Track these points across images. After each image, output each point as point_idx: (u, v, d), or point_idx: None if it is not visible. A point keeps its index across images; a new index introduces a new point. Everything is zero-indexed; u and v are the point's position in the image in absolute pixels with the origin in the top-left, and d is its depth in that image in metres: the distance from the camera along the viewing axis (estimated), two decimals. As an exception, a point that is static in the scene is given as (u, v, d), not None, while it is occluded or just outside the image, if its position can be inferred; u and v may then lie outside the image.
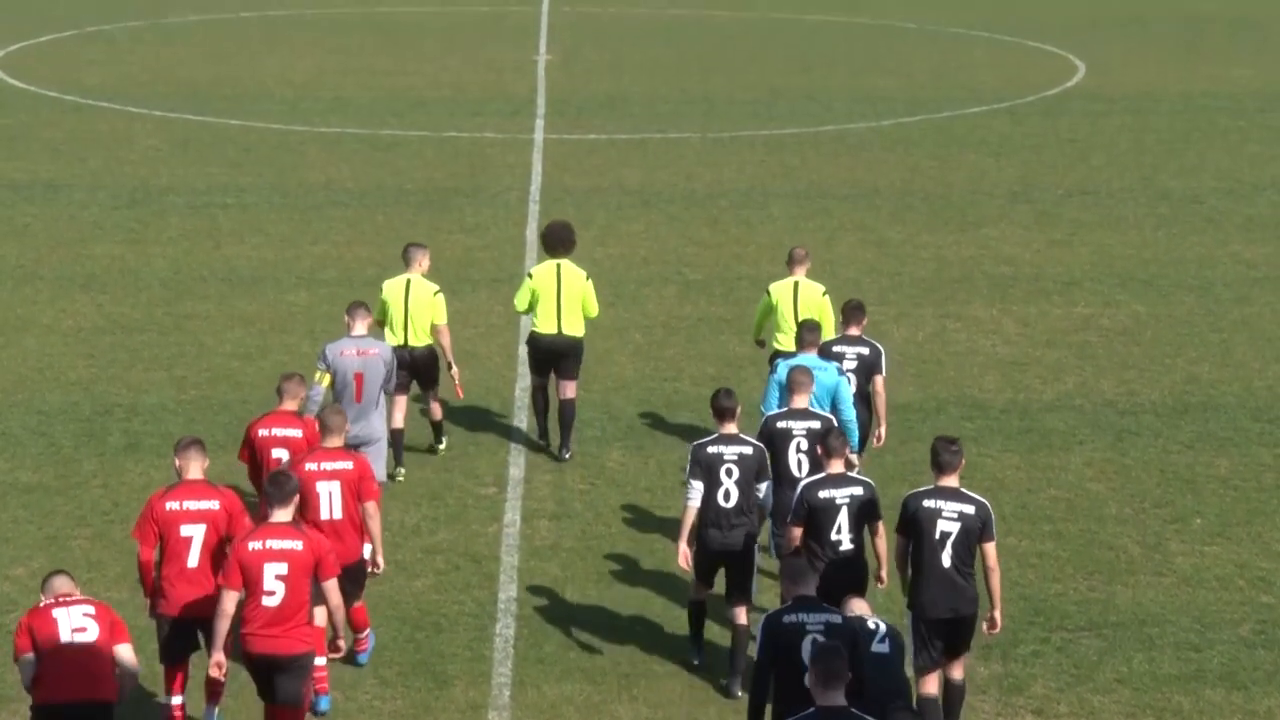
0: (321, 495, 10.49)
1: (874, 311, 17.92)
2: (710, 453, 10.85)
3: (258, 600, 9.37)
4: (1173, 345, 17.73)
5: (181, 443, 10.22)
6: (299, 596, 9.41)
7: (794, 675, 8.56)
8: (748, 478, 10.83)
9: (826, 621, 8.79)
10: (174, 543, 9.88)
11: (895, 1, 46.45)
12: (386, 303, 14.09)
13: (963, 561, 9.89)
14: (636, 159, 26.54)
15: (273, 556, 9.36)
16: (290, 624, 9.41)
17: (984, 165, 26.18)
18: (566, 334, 14.43)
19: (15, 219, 22.20)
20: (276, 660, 9.43)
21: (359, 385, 12.68)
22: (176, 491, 9.95)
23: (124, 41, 37.88)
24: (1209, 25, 41.83)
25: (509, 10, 44.16)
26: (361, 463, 10.80)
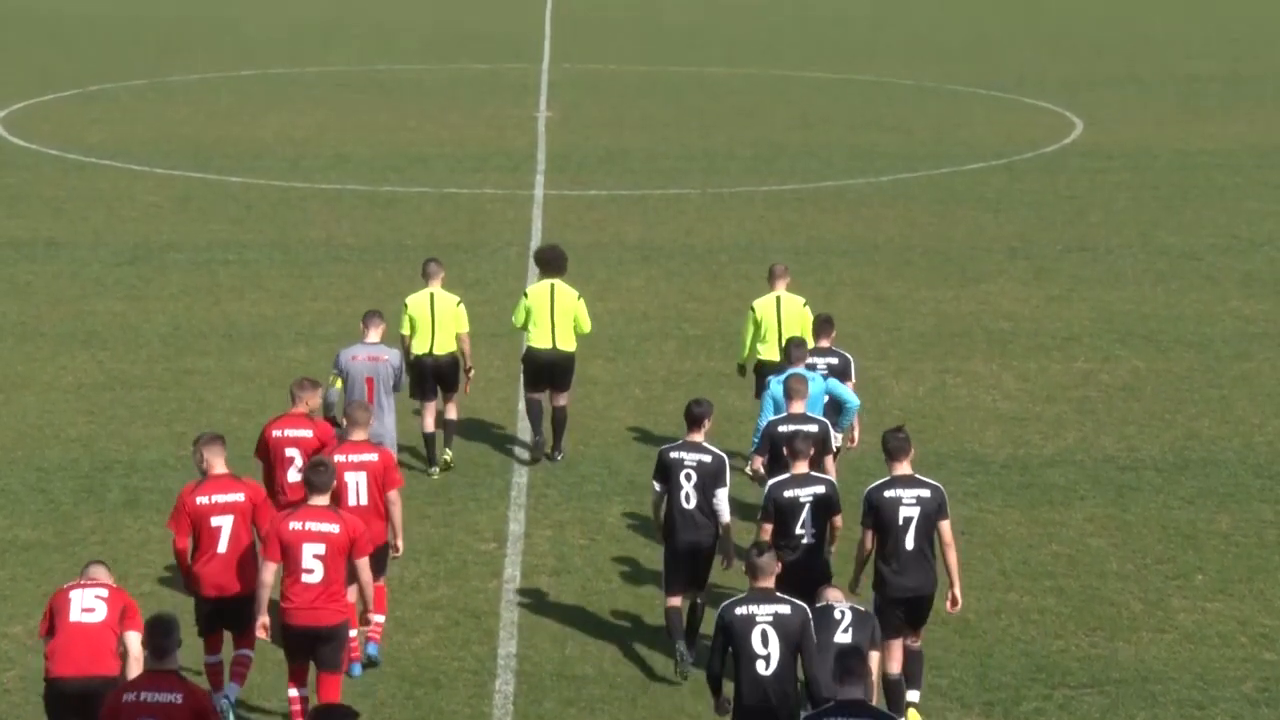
0: (349, 484, 11.40)
1: (873, 367, 18.01)
2: (671, 457, 11.72)
3: (297, 577, 10.33)
4: (1173, 401, 17.72)
5: (203, 438, 11.11)
6: (336, 574, 10.36)
7: (747, 661, 9.29)
8: (705, 483, 11.56)
9: (775, 613, 9.34)
10: (206, 533, 10.84)
11: (894, 59, 46.76)
12: (413, 317, 15.20)
13: (926, 542, 10.76)
14: (636, 214, 26.63)
15: (311, 537, 10.32)
16: (328, 599, 10.35)
17: (983, 221, 26.27)
18: (560, 349, 15.45)
19: (17, 276, 22.26)
20: (317, 632, 10.36)
21: (370, 388, 13.64)
22: (205, 486, 10.90)
23: (126, 100, 38.10)
24: (1205, 83, 42.09)
25: (509, 68, 44.45)
26: (386, 454, 11.85)
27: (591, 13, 60.70)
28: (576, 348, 15.67)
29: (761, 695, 9.25)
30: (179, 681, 8.83)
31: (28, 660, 11.80)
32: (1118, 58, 47.51)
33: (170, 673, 8.86)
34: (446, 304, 15.27)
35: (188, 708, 8.67)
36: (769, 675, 9.26)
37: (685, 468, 11.62)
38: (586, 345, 19.17)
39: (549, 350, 15.42)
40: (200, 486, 10.93)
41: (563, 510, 14.63)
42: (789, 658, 9.31)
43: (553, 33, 53.84)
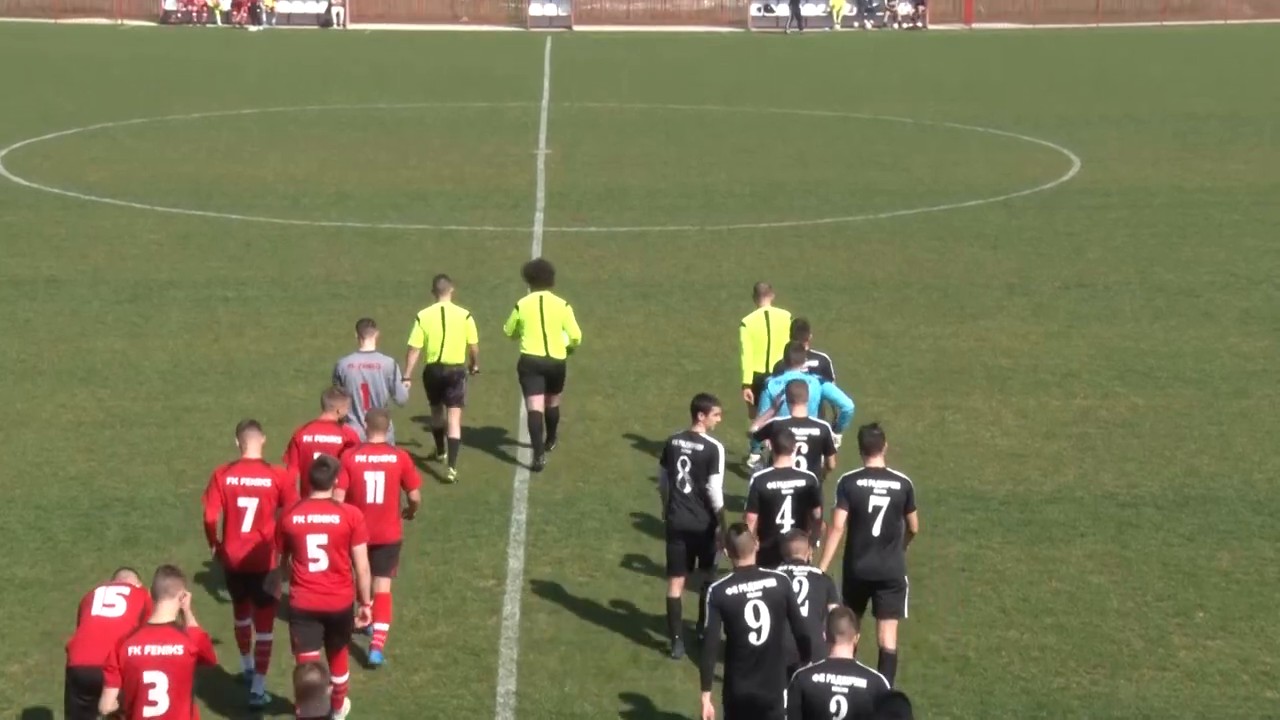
0: (368, 483, 12.20)
1: (873, 403, 18.01)
2: (673, 445, 12.59)
3: (305, 565, 11.07)
4: (1172, 438, 17.72)
5: (241, 424, 12.06)
6: (340, 562, 11.09)
7: (741, 638, 10.03)
8: (698, 470, 12.38)
9: (763, 587, 10.13)
10: (233, 512, 11.74)
11: (891, 97, 46.96)
12: (425, 330, 16.11)
13: (892, 532, 11.56)
14: (636, 251, 26.69)
15: (314, 529, 11.05)
16: (333, 584, 11.09)
17: (981, 258, 26.32)
18: (552, 356, 16.40)
19: (16, 314, 22.28)
20: (325, 615, 11.13)
21: (365, 394, 14.49)
22: (237, 468, 11.80)
23: (126, 139, 38.23)
24: (1203, 121, 42.26)
25: (509, 106, 44.63)
26: (404, 456, 12.59)
27: (590, 52, 61.00)
28: (566, 356, 16.60)
29: (754, 664, 10.00)
30: (177, 632, 9.47)
31: (25, 699, 11.77)
32: (1115, 97, 47.71)
33: (168, 625, 9.46)
34: (456, 317, 16.21)
35: (189, 654, 9.40)
36: (761, 645, 10.02)
37: (682, 454, 12.46)
38: (585, 380, 19.30)
39: (543, 358, 16.35)
40: (232, 467, 11.82)
41: (562, 547, 14.61)
42: (778, 626, 10.09)
43: (552, 71, 54.08)
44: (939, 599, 13.54)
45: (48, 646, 12.48)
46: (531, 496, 15.78)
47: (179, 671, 9.33)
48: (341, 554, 11.09)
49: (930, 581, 13.87)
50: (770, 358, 15.76)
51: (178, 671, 9.32)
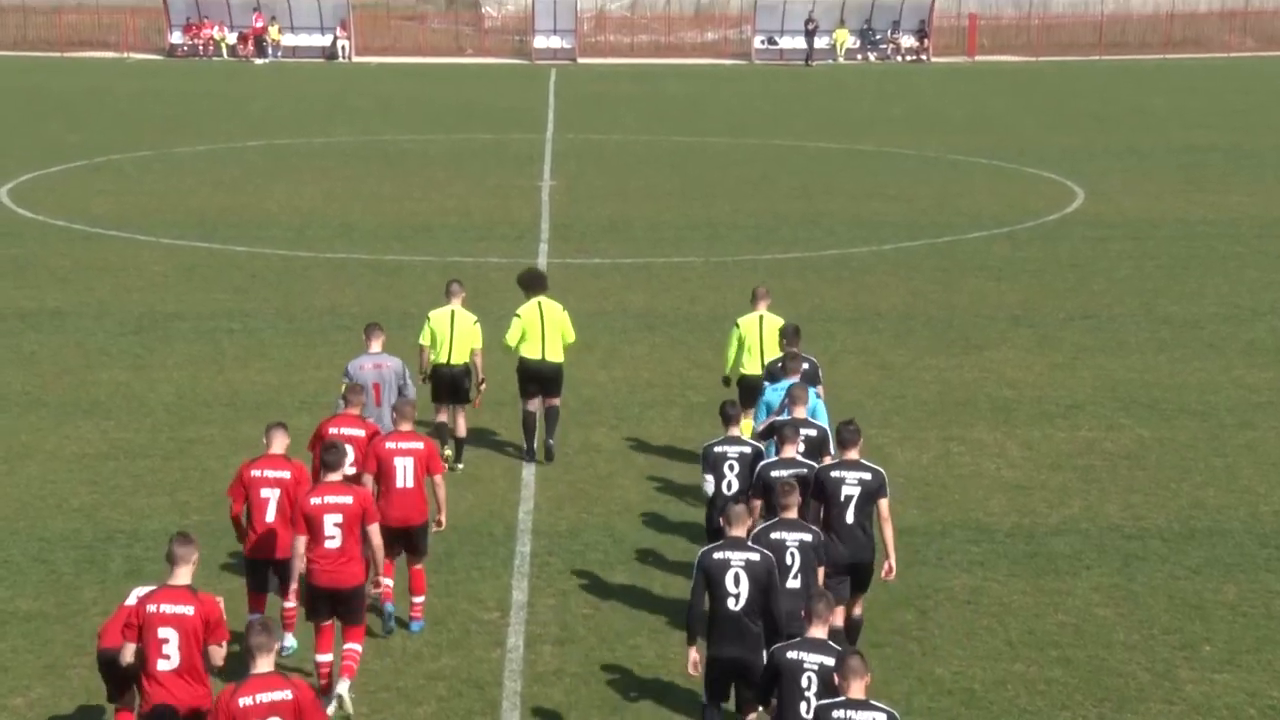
0: (397, 468, 13.08)
1: (877, 434, 17.99)
2: (716, 451, 13.44)
3: (321, 544, 11.82)
4: (1177, 470, 17.68)
5: (270, 425, 12.93)
6: (353, 540, 11.84)
7: (721, 602, 10.83)
8: (745, 471, 13.22)
9: (746, 559, 10.89)
10: (256, 502, 12.51)
11: (895, 130, 47.07)
12: (434, 330, 17.12)
13: (865, 517, 12.42)
14: (640, 283, 26.72)
15: (330, 509, 11.83)
16: (347, 562, 11.87)
17: (986, 289, 26.33)
18: (549, 360, 17.24)
19: (22, 346, 22.30)
20: (338, 591, 11.85)
21: (377, 393, 15.37)
22: (260, 462, 12.60)
23: (132, 171, 38.34)
24: (1205, 154, 42.34)
25: (513, 138, 44.76)
26: (430, 444, 13.47)
27: (595, 84, 61.20)
28: (564, 359, 17.45)
29: (731, 627, 10.80)
30: (191, 594, 10.17)
31: (27, 731, 11.73)
32: (1118, 129, 47.83)
33: (184, 587, 10.21)
34: (464, 321, 17.15)
35: (199, 617, 10.07)
36: (738, 610, 10.79)
37: (729, 459, 13.36)
38: (589, 412, 19.30)
39: (539, 361, 17.22)
40: (256, 462, 12.65)
41: (566, 579, 14.57)
42: (756, 596, 10.80)
43: (556, 104, 54.26)
44: (944, 631, 13.50)
45: (50, 679, 12.45)
46: (535, 528, 15.75)
47: (190, 630, 9.98)
48: (354, 533, 11.87)
49: (936, 614, 13.83)
50: (763, 360, 16.47)
51: (188, 630, 9.98)
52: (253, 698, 9.24)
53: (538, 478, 17.19)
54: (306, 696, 9.43)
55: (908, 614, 13.85)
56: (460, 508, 16.07)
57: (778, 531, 11.52)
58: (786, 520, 11.57)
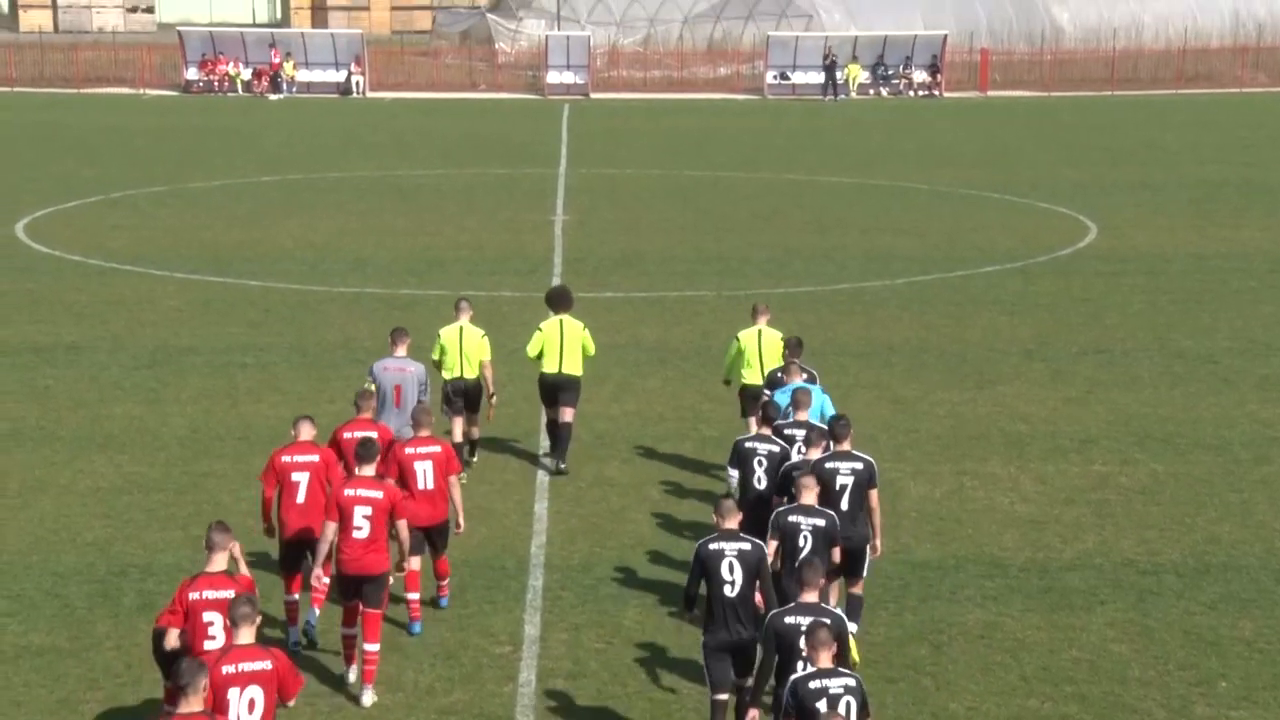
0: (418, 471, 13.90)
1: (890, 469, 17.95)
2: (747, 447, 14.44)
3: (349, 533, 12.62)
4: (1192, 505, 17.62)
5: (297, 417, 13.99)
6: (380, 531, 12.67)
7: (716, 588, 11.65)
8: (773, 468, 14.13)
9: (739, 549, 11.71)
10: (287, 486, 13.48)
11: (907, 164, 47.16)
12: (444, 345, 17.99)
13: (858, 505, 13.47)
14: (653, 316, 26.75)
15: (361, 501, 12.65)
16: (373, 551, 12.65)
17: (998, 323, 26.32)
18: (566, 373, 18.24)
19: (36, 381, 22.37)
20: (364, 577, 12.66)
21: (398, 395, 16.28)
22: (291, 448, 13.64)
23: (147, 206, 38.52)
24: (1218, 188, 42.34)
25: (526, 173, 44.91)
26: (447, 448, 14.27)
27: (608, 119, 61.42)
28: (583, 372, 18.42)
29: (727, 611, 11.62)
30: (229, 578, 11.07)
31: (39, 766, 11.71)
32: (1130, 164, 47.86)
33: (221, 573, 11.08)
34: (473, 336, 18.00)
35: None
36: (734, 597, 11.61)
37: (758, 455, 14.32)
38: (602, 446, 19.31)
39: (556, 374, 18.21)
40: (286, 448, 13.70)
41: (579, 613, 14.54)
42: (748, 583, 11.63)
43: (569, 138, 54.45)
44: (959, 666, 13.44)
45: (63, 714, 12.44)
46: (548, 562, 15.73)
47: None
48: (381, 525, 12.67)
49: (950, 649, 13.78)
50: (763, 370, 17.64)
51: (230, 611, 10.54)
52: (235, 666, 9.89)
53: (550, 511, 17.19)
54: (284, 665, 10.11)
55: (922, 649, 13.80)
56: (472, 541, 16.07)
57: (794, 515, 12.56)
58: (804, 506, 12.58)
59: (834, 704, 9.67)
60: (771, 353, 17.76)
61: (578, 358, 18.31)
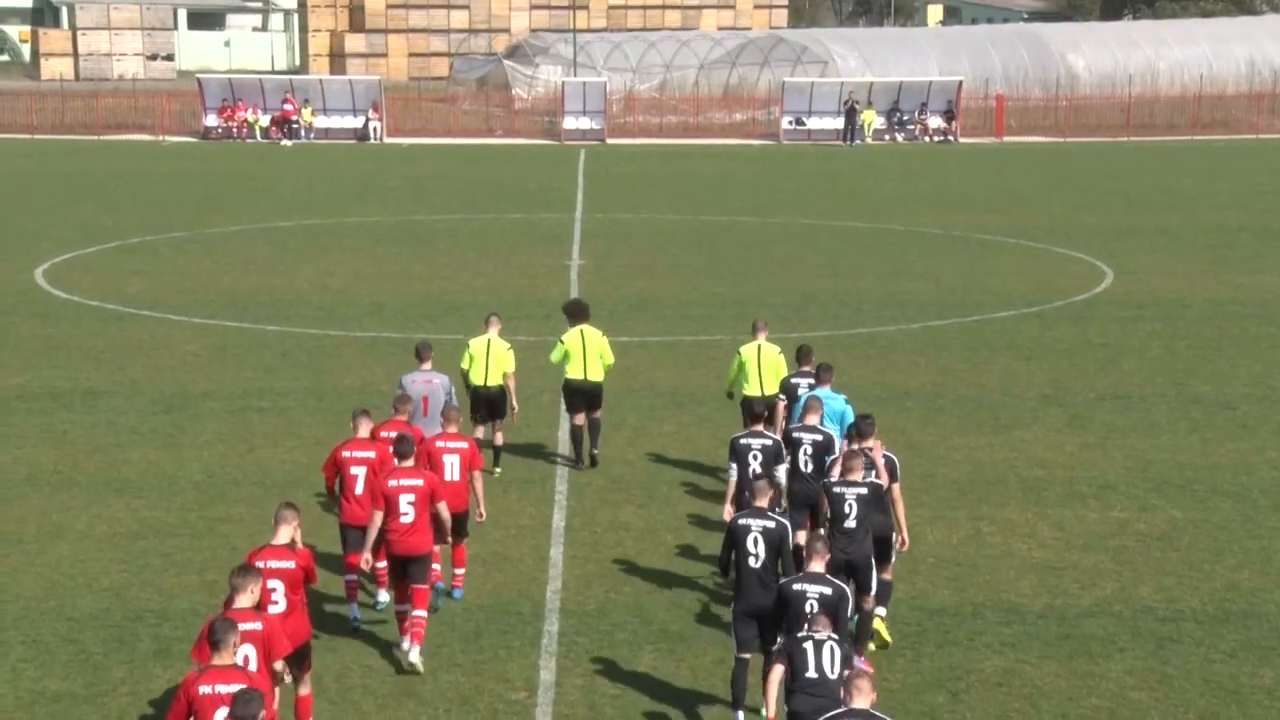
0: (446, 464, 15.43)
1: (907, 514, 17.85)
2: (742, 443, 15.68)
3: (396, 518, 14.18)
4: (1211, 551, 17.52)
5: (355, 411, 15.56)
6: (423, 515, 14.23)
7: (743, 559, 13.02)
8: (769, 461, 15.47)
9: (764, 526, 13.05)
10: (347, 478, 15.02)
11: (923, 209, 47.22)
12: (472, 355, 19.52)
13: (872, 510, 14.19)
14: (668, 361, 26.76)
15: (404, 490, 14.22)
16: (418, 533, 14.20)
17: (1015, 368, 26.27)
18: (590, 379, 19.83)
19: (54, 426, 22.43)
20: (410, 557, 14.20)
21: (425, 405, 17.61)
22: (350, 444, 15.18)
23: (165, 252, 38.70)
24: (1234, 234, 42.31)
25: (542, 218, 45.06)
26: (472, 444, 15.77)
27: (623, 164, 61.65)
28: (604, 378, 20.00)
29: (753, 581, 12.88)
30: (291, 550, 12.37)
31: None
32: (1147, 209, 47.87)
33: (285, 545, 12.40)
34: (499, 347, 19.51)
35: (300, 568, 12.30)
36: (757, 568, 12.91)
37: (753, 450, 15.54)
38: (618, 490, 19.30)
39: (582, 380, 19.80)
40: (347, 444, 15.20)
41: (594, 659, 14.48)
42: (772, 556, 12.92)
43: (585, 183, 54.65)
44: (976, 714, 13.35)
45: (77, 759, 12.40)
46: (563, 607, 15.69)
47: (292, 580, 12.21)
48: (424, 510, 14.18)
49: (967, 696, 13.69)
50: (763, 385, 18.98)
51: (291, 580, 12.20)
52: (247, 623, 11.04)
53: (566, 556, 17.16)
54: (273, 628, 11.21)
55: (939, 696, 13.71)
56: (487, 586, 16.05)
57: (839, 487, 14.08)
58: (848, 480, 14.07)
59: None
60: (770, 366, 19.02)
61: (599, 365, 19.87)
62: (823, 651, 11.08)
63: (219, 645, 10.29)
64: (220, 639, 10.28)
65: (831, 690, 10.81)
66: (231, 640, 10.28)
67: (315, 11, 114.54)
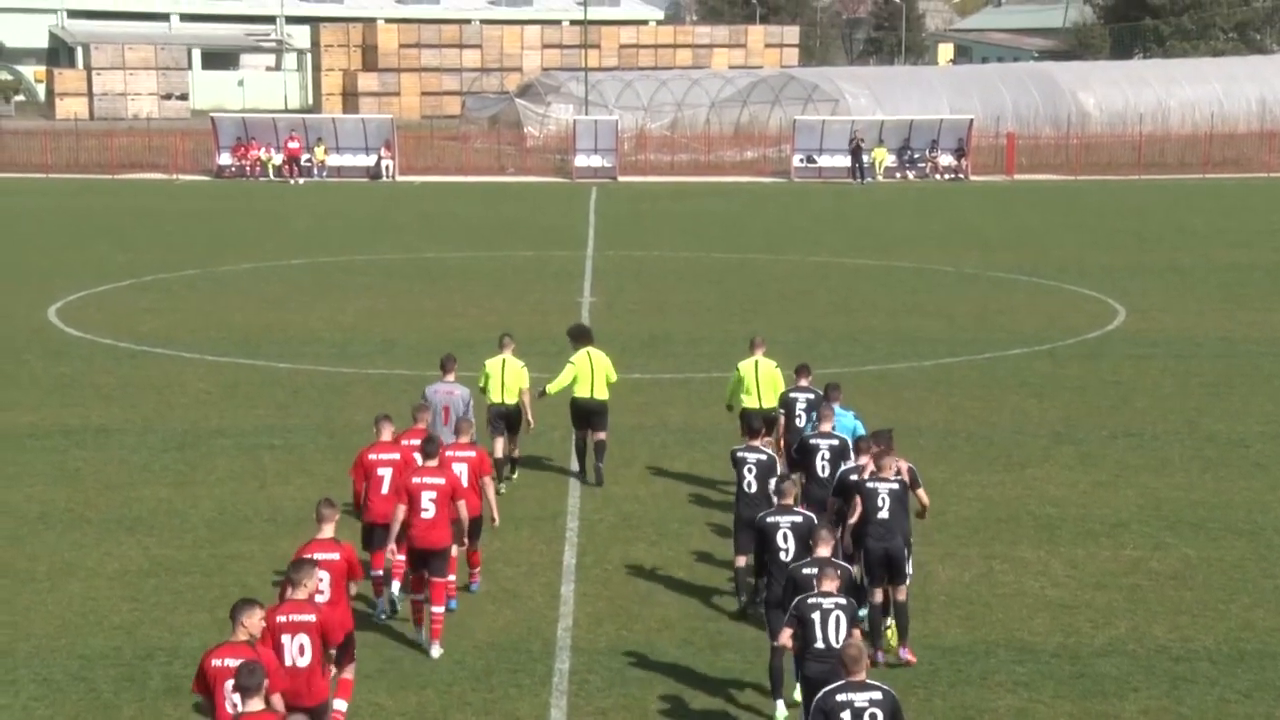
0: (456, 471, 16.03)
1: (919, 552, 17.80)
2: (738, 456, 16.64)
3: (418, 514, 15.23)
4: (1225, 590, 17.43)
5: (378, 416, 16.73)
6: (443, 512, 15.26)
7: (774, 555, 14.27)
8: (763, 474, 16.36)
9: (793, 521, 14.39)
10: (374, 480, 16.08)
11: (933, 246, 47.24)
12: (488, 374, 20.73)
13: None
14: (680, 398, 26.75)
15: (427, 487, 15.30)
16: (438, 528, 15.25)
17: (1027, 406, 26.22)
18: (596, 398, 20.98)
19: (67, 464, 22.46)
20: (431, 550, 15.28)
21: (446, 414, 18.92)
22: (376, 447, 16.31)
23: (178, 290, 38.83)
24: (1247, 272, 42.26)
25: (554, 255, 45.15)
26: (481, 453, 16.76)
27: (635, 202, 61.80)
28: (609, 396, 21.15)
29: (783, 573, 13.81)
30: (336, 544, 13.40)
31: None
32: (1158, 247, 47.86)
33: (330, 539, 13.38)
34: (514, 366, 20.74)
35: (344, 560, 13.27)
36: (787, 561, 14.00)
37: (748, 463, 16.44)
38: (629, 528, 19.27)
39: (589, 399, 20.95)
40: (372, 447, 16.35)
41: (605, 697, 14.43)
42: (802, 550, 13.95)
43: (597, 221, 54.78)
44: None
45: (86, 798, 12.36)
46: (574, 645, 15.64)
47: (337, 571, 13.15)
48: (444, 507, 15.21)
49: (980, 736, 13.60)
50: (761, 399, 20.02)
51: (336, 571, 13.14)
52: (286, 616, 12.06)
53: (577, 594, 17.12)
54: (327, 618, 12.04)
55: (952, 736, 13.63)
56: (498, 624, 16.02)
57: (872, 483, 15.06)
58: (880, 475, 15.15)
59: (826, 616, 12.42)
60: (768, 381, 20.09)
61: (604, 384, 21.03)
62: (829, 620, 12.24)
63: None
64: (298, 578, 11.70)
65: (837, 656, 11.70)
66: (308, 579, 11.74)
67: (328, 51, 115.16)
